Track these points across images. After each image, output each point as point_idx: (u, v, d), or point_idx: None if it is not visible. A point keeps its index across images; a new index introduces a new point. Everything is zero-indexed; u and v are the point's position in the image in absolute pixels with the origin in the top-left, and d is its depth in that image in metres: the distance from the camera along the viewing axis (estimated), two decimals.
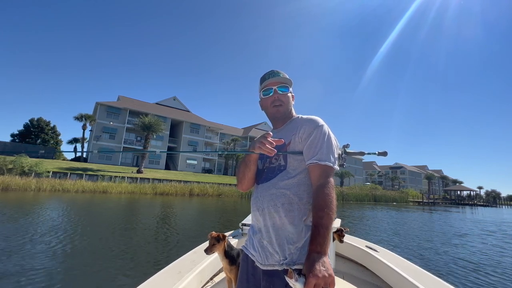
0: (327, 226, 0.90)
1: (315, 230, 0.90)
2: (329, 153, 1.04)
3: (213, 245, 1.74)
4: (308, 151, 1.06)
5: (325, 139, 1.07)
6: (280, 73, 1.20)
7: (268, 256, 1.04)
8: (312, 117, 1.15)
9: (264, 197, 1.10)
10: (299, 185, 1.07)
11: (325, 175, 1.00)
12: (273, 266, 1.01)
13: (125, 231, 7.62)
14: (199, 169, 46.20)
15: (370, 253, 2.29)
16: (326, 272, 0.80)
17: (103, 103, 39.04)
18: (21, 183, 19.44)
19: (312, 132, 1.08)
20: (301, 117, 1.19)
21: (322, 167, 1.01)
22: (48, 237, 6.17)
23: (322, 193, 0.95)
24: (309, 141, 1.07)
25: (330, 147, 1.06)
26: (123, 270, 4.41)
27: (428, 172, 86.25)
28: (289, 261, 0.98)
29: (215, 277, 2.18)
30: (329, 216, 0.91)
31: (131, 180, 26.81)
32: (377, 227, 11.93)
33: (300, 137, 1.10)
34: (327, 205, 0.92)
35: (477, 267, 5.88)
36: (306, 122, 1.13)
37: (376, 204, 34.37)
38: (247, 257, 1.18)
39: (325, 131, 1.09)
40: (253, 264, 1.12)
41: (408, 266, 1.99)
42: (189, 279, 1.65)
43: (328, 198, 0.94)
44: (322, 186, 0.97)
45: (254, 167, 1.19)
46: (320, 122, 1.12)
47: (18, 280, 3.74)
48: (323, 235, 0.88)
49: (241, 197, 28.08)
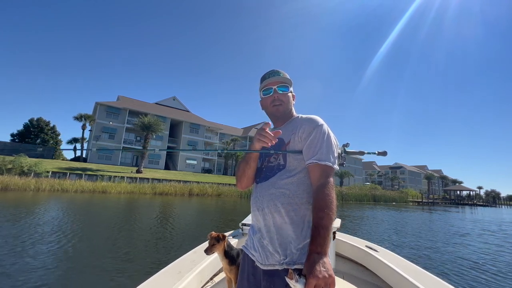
0: (327, 226, 0.90)
1: (315, 231, 0.90)
2: (329, 152, 1.04)
3: (213, 245, 1.74)
4: (308, 150, 1.06)
5: (324, 138, 1.06)
6: (281, 73, 1.20)
7: (268, 256, 1.04)
8: (312, 116, 1.15)
9: (264, 196, 1.10)
10: (299, 185, 1.06)
11: (325, 175, 1.00)
12: (273, 266, 1.01)
13: (124, 231, 7.60)
14: (198, 169, 46.18)
15: (370, 253, 2.29)
16: (327, 272, 0.80)
17: (102, 103, 38.99)
18: (20, 183, 19.39)
19: (312, 131, 1.08)
20: (301, 116, 1.19)
21: (322, 167, 1.01)
22: (47, 238, 6.16)
23: (322, 194, 0.95)
24: (308, 141, 1.07)
25: (330, 146, 1.06)
26: (123, 270, 4.40)
27: (427, 172, 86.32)
28: (289, 261, 0.98)
29: (215, 277, 2.17)
30: (329, 216, 0.91)
31: (131, 180, 26.77)
32: (376, 227, 11.93)
33: (300, 137, 1.10)
34: (327, 206, 0.92)
35: (477, 267, 5.88)
36: (306, 122, 1.13)
37: (376, 204, 34.37)
38: (247, 257, 1.18)
39: (325, 130, 1.09)
40: (253, 264, 1.12)
41: (408, 266, 1.99)
42: (189, 279, 1.64)
43: (328, 198, 0.94)
44: (322, 186, 0.97)
45: (254, 165, 1.19)
46: (320, 121, 1.12)
47: (17, 280, 3.73)
48: (323, 235, 0.88)
49: (241, 197, 28.08)
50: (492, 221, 18.52)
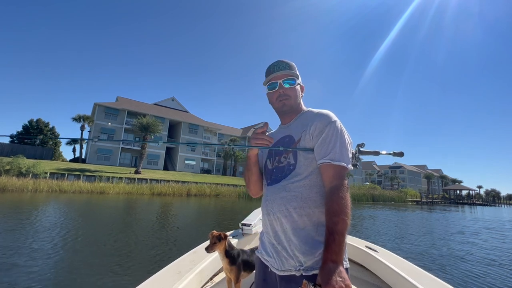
0: (343, 232, 0.85)
1: (330, 237, 0.84)
2: (342, 152, 0.97)
3: (214, 244, 1.74)
4: (320, 149, 0.99)
5: (338, 136, 0.99)
6: (287, 64, 1.11)
7: (284, 262, 0.99)
8: (324, 111, 1.07)
9: (275, 200, 1.04)
10: (311, 187, 1.00)
11: (338, 176, 0.94)
12: (290, 271, 0.97)
13: (123, 231, 7.56)
14: (197, 170, 46.14)
15: (369, 253, 2.28)
16: (343, 282, 0.76)
17: (101, 104, 38.92)
18: (18, 184, 19.34)
19: (324, 128, 1.00)
20: (311, 111, 1.12)
21: (335, 167, 0.95)
22: (46, 238, 6.11)
23: (337, 197, 0.90)
24: (321, 139, 1.00)
25: (343, 145, 0.99)
26: (122, 271, 4.37)
27: (427, 172, 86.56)
28: (306, 267, 0.93)
29: (215, 277, 2.16)
30: (345, 221, 0.86)
31: (129, 181, 26.74)
32: (376, 226, 11.93)
33: (311, 134, 1.03)
34: (342, 210, 0.87)
35: (477, 266, 5.87)
36: (318, 118, 1.05)
37: (375, 204, 34.43)
38: (260, 262, 1.14)
39: (338, 127, 1.01)
40: (266, 269, 1.07)
41: (408, 266, 1.98)
42: (189, 279, 1.63)
43: (343, 202, 0.88)
44: (336, 188, 0.92)
45: (256, 169, 1.16)
46: (333, 117, 1.04)
47: (15, 280, 3.69)
48: (339, 242, 0.83)
49: (239, 197, 28.07)
50: (492, 220, 18.55)
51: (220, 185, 30.53)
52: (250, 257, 1.88)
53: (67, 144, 43.39)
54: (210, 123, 52.70)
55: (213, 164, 50.06)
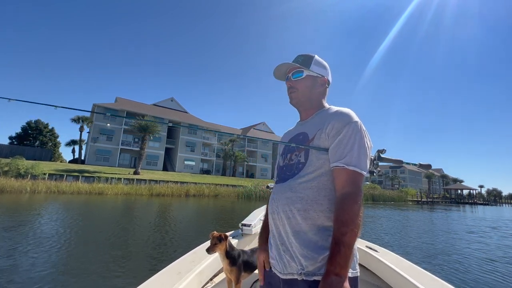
0: (350, 244, 0.79)
1: (335, 248, 0.78)
2: (360, 156, 0.89)
3: (214, 245, 1.73)
4: (335, 151, 0.91)
5: (357, 138, 0.91)
6: (301, 56, 1.10)
7: (286, 265, 0.93)
8: (344, 110, 0.99)
9: (280, 200, 0.99)
10: (319, 189, 0.93)
11: (352, 182, 0.86)
12: (292, 275, 0.91)
13: (122, 232, 7.50)
14: (197, 170, 46.17)
15: (370, 253, 2.27)
16: None
17: (100, 105, 38.89)
18: (16, 185, 19.31)
19: (342, 129, 0.92)
20: (331, 108, 1.06)
21: (349, 172, 0.87)
22: (45, 238, 6.06)
23: (348, 205, 0.83)
24: (337, 140, 0.91)
25: (362, 149, 0.90)
26: (122, 272, 4.33)
27: (428, 171, 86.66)
28: (307, 272, 0.87)
29: (215, 277, 2.14)
30: (354, 233, 0.80)
31: (128, 182, 26.73)
32: (376, 226, 11.91)
33: (327, 134, 0.95)
34: (352, 220, 0.80)
35: (477, 266, 5.83)
36: (336, 117, 0.97)
37: (375, 204, 34.47)
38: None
39: (358, 128, 0.93)
40: (271, 272, 1.03)
41: (408, 266, 1.98)
42: (189, 280, 1.62)
43: (354, 211, 0.82)
44: (348, 195, 0.84)
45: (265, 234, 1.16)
46: (353, 117, 0.95)
47: (15, 280, 3.64)
48: (344, 254, 0.77)
49: (238, 197, 28.07)
50: (492, 220, 18.56)
51: (219, 186, 30.53)
52: (251, 257, 1.87)
53: (67, 145, 43.47)
54: (210, 123, 52.83)
55: (213, 165, 50.09)
